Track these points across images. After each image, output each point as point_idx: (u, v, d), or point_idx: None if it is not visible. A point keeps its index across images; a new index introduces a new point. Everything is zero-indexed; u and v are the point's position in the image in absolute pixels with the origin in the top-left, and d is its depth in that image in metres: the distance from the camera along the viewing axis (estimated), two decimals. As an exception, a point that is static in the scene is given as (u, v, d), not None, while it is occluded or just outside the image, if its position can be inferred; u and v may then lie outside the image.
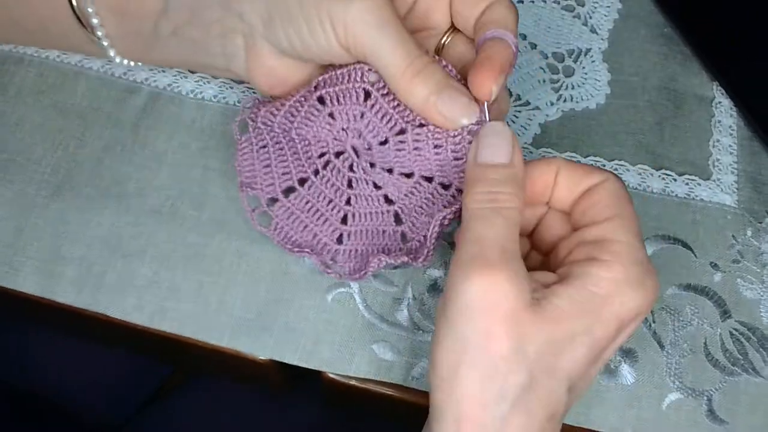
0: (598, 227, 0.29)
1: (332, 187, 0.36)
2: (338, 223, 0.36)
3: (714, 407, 0.36)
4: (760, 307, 0.38)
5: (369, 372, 0.36)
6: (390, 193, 0.35)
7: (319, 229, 0.36)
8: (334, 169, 0.36)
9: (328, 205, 0.36)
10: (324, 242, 0.36)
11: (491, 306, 0.26)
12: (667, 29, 0.46)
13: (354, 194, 0.35)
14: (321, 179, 0.36)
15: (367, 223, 0.35)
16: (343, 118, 0.35)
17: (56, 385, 0.55)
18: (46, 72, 0.42)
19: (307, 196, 0.36)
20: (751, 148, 0.42)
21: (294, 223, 0.36)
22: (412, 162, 0.34)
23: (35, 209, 0.39)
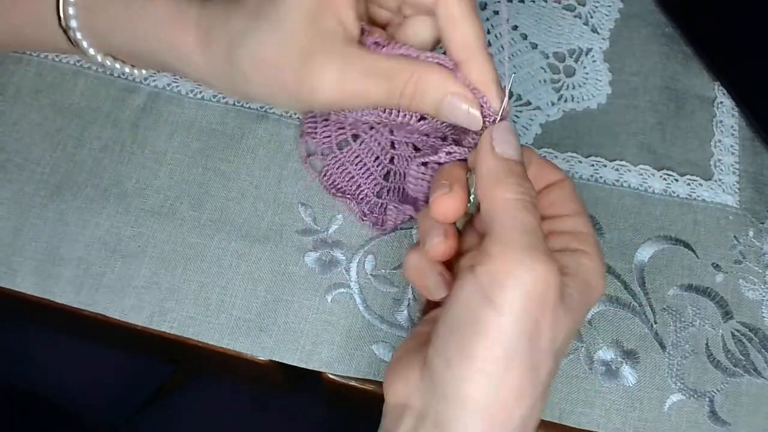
0: (571, 219, 0.31)
1: (379, 145, 0.39)
2: (381, 178, 0.39)
3: (716, 408, 0.36)
4: (762, 308, 0.38)
5: (369, 372, 0.36)
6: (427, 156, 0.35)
7: (364, 181, 0.39)
8: (378, 131, 0.39)
9: (375, 161, 0.39)
10: (366, 193, 0.39)
11: (545, 297, 0.26)
12: (668, 29, 0.46)
13: (397, 154, 0.39)
14: (371, 137, 0.39)
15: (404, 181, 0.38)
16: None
17: (56, 385, 0.55)
18: (45, 71, 0.42)
19: (358, 150, 0.39)
20: (752, 149, 0.42)
21: (342, 173, 0.40)
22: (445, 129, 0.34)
23: (34, 209, 0.39)
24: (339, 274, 0.38)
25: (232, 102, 0.42)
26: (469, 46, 0.31)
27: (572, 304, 0.28)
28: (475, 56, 0.31)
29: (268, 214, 0.39)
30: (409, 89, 0.31)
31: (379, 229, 0.38)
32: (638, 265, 0.39)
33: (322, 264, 0.38)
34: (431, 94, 0.31)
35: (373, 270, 0.38)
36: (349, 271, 0.38)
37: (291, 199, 0.39)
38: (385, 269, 0.38)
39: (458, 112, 0.31)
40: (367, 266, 0.38)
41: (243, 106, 0.42)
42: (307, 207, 0.39)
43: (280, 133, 0.41)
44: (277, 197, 0.40)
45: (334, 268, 0.38)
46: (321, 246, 0.38)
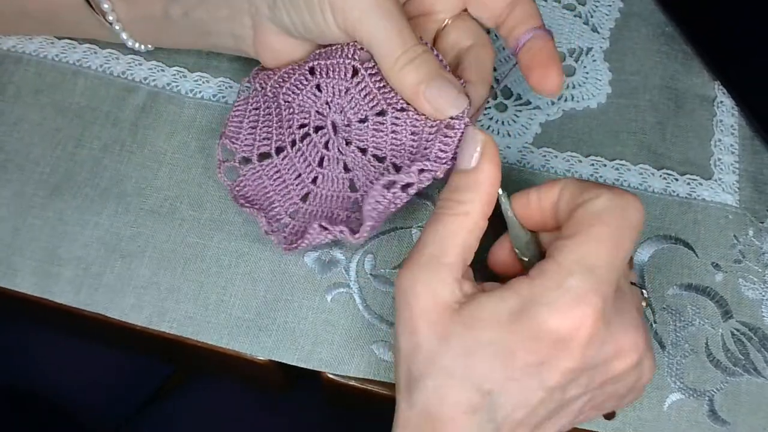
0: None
1: (304, 162, 0.36)
2: (298, 198, 0.37)
3: (715, 407, 0.36)
4: (761, 308, 0.38)
5: (368, 372, 0.36)
6: (356, 178, 0.35)
7: (278, 199, 0.37)
8: (310, 143, 0.36)
9: (295, 179, 0.37)
10: (278, 211, 0.37)
11: (408, 303, 0.29)
12: (668, 28, 0.46)
13: (322, 174, 0.36)
14: (296, 152, 0.36)
15: (324, 205, 0.36)
16: (328, 91, 0.35)
17: (56, 385, 0.55)
18: (45, 71, 0.42)
19: (279, 165, 0.37)
20: (752, 148, 0.42)
21: (257, 186, 0.37)
22: (387, 144, 0.34)
23: (33, 209, 0.39)
24: (338, 273, 0.38)
25: (232, 101, 0.42)
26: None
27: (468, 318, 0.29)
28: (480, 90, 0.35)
29: (268, 213, 0.39)
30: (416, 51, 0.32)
31: (287, 247, 0.35)
32: (638, 265, 0.39)
33: (321, 264, 0.38)
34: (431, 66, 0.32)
35: (372, 270, 0.38)
36: (349, 271, 0.38)
37: (290, 199, 0.39)
38: (385, 269, 0.38)
39: (443, 93, 0.32)
40: (367, 266, 0.38)
41: (242, 106, 0.42)
42: (307, 206, 0.39)
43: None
44: (277, 197, 0.39)
45: (333, 268, 0.38)
46: (320, 246, 0.38)
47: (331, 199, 0.36)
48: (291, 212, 0.36)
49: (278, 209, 0.37)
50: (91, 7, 0.37)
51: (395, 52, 0.32)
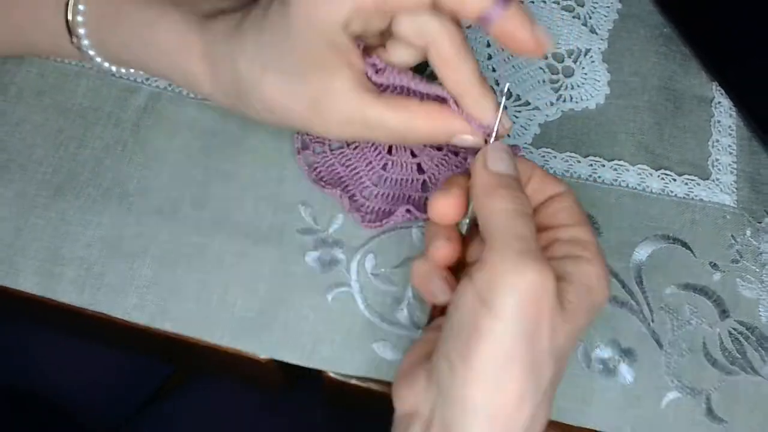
0: (573, 229, 0.31)
1: (375, 150, 0.39)
2: (370, 183, 0.39)
3: (713, 406, 0.36)
4: (758, 307, 0.38)
5: (369, 371, 0.36)
6: (423, 162, 0.39)
7: (352, 184, 0.39)
8: (397, 149, 0.39)
9: (367, 166, 0.39)
10: (352, 192, 0.39)
11: (541, 301, 0.27)
12: (666, 29, 0.46)
13: (392, 160, 0.39)
14: (366, 142, 0.39)
15: (396, 188, 0.39)
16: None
17: (56, 385, 0.55)
18: (47, 72, 0.42)
19: (350, 154, 0.40)
20: (750, 148, 0.43)
21: (331, 172, 0.39)
22: None
23: (36, 209, 0.39)
24: (339, 273, 0.38)
25: (233, 102, 0.42)
26: (465, 83, 0.32)
27: (572, 308, 0.29)
28: (473, 91, 0.32)
29: (269, 213, 0.39)
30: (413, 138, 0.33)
31: (369, 225, 0.38)
32: (636, 264, 0.39)
33: (322, 263, 0.38)
34: (436, 138, 0.34)
35: (373, 269, 0.38)
36: (350, 270, 0.38)
37: (292, 199, 0.40)
38: (386, 268, 0.38)
39: (464, 143, 0.34)
40: (368, 265, 0.38)
41: (244, 107, 0.42)
42: (308, 206, 0.40)
43: (281, 133, 0.41)
44: (278, 197, 0.40)
45: (334, 267, 0.38)
46: (321, 245, 0.39)
47: (401, 183, 0.39)
48: (365, 194, 0.39)
49: (353, 191, 0.39)
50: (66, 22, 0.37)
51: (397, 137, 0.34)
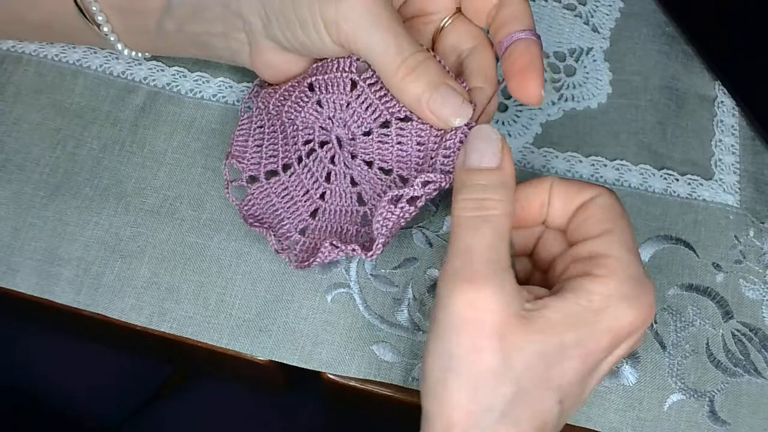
0: (592, 242, 0.29)
1: (311, 178, 0.36)
2: (307, 215, 0.36)
3: (716, 408, 0.36)
4: (762, 308, 0.38)
5: (369, 373, 0.36)
6: (364, 192, 0.35)
7: (288, 216, 0.36)
8: (316, 159, 0.36)
9: (303, 196, 0.36)
10: (287, 228, 0.36)
11: (477, 321, 0.27)
12: (668, 28, 0.46)
13: (330, 189, 0.36)
14: (302, 168, 0.36)
15: (334, 220, 0.36)
16: (329, 107, 0.35)
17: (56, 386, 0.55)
18: (45, 71, 0.42)
19: (287, 182, 0.37)
20: (753, 148, 0.42)
21: (266, 204, 0.37)
22: (393, 156, 0.34)
23: (33, 209, 0.39)
24: (339, 274, 0.38)
25: (232, 101, 0.42)
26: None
27: (543, 324, 0.27)
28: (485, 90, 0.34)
29: (268, 213, 0.39)
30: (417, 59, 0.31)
31: (298, 265, 0.35)
32: (638, 265, 0.39)
33: (321, 264, 0.38)
34: (433, 75, 0.31)
35: (372, 270, 0.38)
36: (349, 271, 0.38)
37: (291, 199, 0.39)
38: (385, 269, 0.38)
39: (447, 103, 0.31)
40: (367, 266, 0.38)
41: (243, 106, 0.42)
42: (307, 207, 0.39)
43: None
44: (277, 197, 0.39)
45: (333, 268, 0.38)
46: (321, 246, 0.38)
47: (340, 214, 0.36)
48: (300, 229, 0.36)
49: (288, 226, 0.36)
50: (86, 19, 0.37)
51: (394, 62, 0.31)
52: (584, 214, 0.30)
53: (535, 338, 0.27)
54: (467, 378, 0.27)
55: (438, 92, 0.31)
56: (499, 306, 0.26)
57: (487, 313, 0.26)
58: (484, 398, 0.27)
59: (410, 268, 0.38)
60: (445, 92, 0.31)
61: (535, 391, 0.27)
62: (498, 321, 0.26)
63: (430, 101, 0.31)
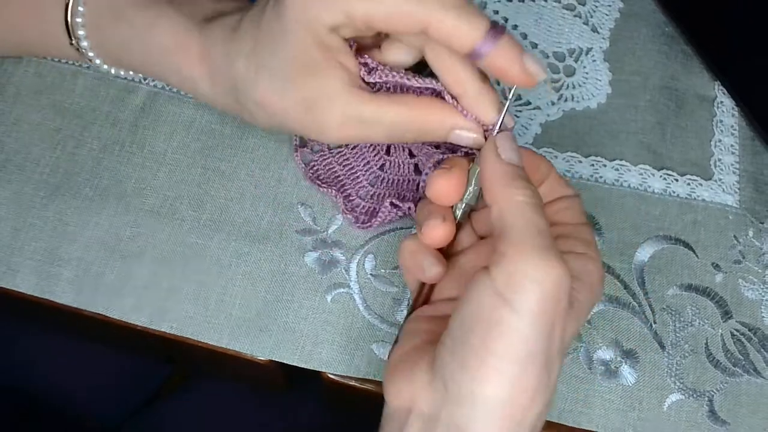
0: (575, 227, 0.32)
1: (373, 150, 0.39)
2: (367, 183, 0.39)
3: (715, 408, 0.36)
4: (761, 308, 0.38)
5: (369, 372, 0.36)
6: (420, 163, 0.38)
7: (349, 183, 0.39)
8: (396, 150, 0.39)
9: (364, 166, 0.39)
10: (349, 192, 0.39)
11: (559, 299, 0.26)
12: (668, 28, 0.46)
13: (390, 160, 0.39)
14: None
15: (392, 188, 0.39)
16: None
17: (56, 386, 0.55)
18: (45, 72, 0.42)
19: (348, 154, 0.39)
20: (753, 148, 0.42)
21: (329, 171, 0.39)
22: None
23: (33, 209, 0.39)
24: (339, 273, 0.38)
25: (232, 102, 0.42)
26: (465, 81, 0.32)
27: (579, 307, 0.29)
28: (473, 88, 0.32)
29: (268, 213, 0.39)
30: (412, 134, 0.32)
31: (361, 226, 0.38)
32: (638, 265, 0.39)
33: (321, 264, 0.38)
34: (435, 133, 0.32)
35: (372, 270, 0.38)
36: (349, 271, 0.38)
37: (291, 199, 0.39)
38: (385, 269, 0.38)
39: (464, 141, 0.32)
40: (367, 266, 0.38)
41: (242, 106, 0.42)
42: (307, 207, 0.39)
43: (279, 133, 0.41)
44: (277, 197, 0.40)
45: (333, 268, 0.38)
46: (321, 246, 0.38)
47: (398, 183, 0.39)
48: (361, 194, 0.39)
49: (350, 191, 0.39)
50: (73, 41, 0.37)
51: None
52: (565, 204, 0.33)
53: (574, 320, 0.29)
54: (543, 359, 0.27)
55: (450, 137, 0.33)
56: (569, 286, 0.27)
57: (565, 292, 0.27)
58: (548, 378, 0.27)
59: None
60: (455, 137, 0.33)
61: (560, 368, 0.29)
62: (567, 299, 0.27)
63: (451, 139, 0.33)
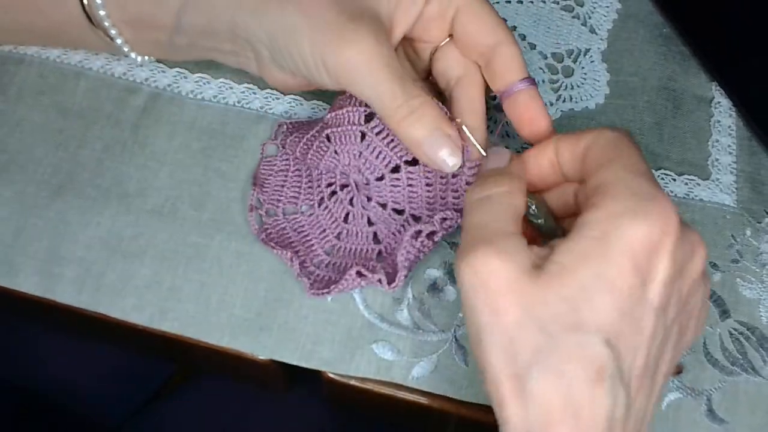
0: (594, 176, 0.29)
1: (330, 218, 0.38)
2: (322, 251, 0.38)
3: (713, 407, 0.36)
4: (759, 307, 0.38)
5: (369, 372, 0.36)
6: (379, 231, 0.37)
7: (303, 251, 0.38)
8: (337, 200, 0.38)
9: (320, 234, 0.38)
10: (303, 259, 0.37)
11: (486, 283, 0.27)
12: (666, 29, 0.46)
13: (347, 229, 0.38)
14: (322, 210, 0.38)
15: (349, 257, 0.37)
16: (344, 156, 0.37)
17: (57, 385, 0.56)
18: (47, 72, 0.42)
19: (304, 221, 0.38)
20: (750, 148, 0.43)
21: (282, 236, 0.38)
22: (405, 198, 0.37)
23: (35, 209, 0.39)
24: (339, 273, 0.38)
25: (233, 102, 0.42)
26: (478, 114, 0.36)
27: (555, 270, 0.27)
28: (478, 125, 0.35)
29: (269, 213, 0.39)
30: (412, 105, 0.32)
31: (315, 293, 0.36)
32: (636, 265, 0.39)
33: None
34: (427, 121, 0.33)
35: (372, 269, 0.38)
36: (349, 271, 0.38)
37: (291, 199, 0.40)
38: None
39: (439, 150, 0.33)
40: (367, 265, 0.38)
41: (243, 107, 0.42)
42: (307, 207, 0.39)
43: None
44: (278, 197, 0.40)
45: (334, 268, 0.38)
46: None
47: (355, 252, 0.38)
48: (315, 262, 0.38)
49: (303, 258, 0.37)
50: (99, 30, 0.37)
51: (391, 107, 0.32)
52: (587, 156, 0.30)
53: (552, 285, 0.26)
54: (498, 339, 0.26)
55: (432, 138, 0.33)
56: (505, 265, 0.27)
57: (491, 274, 0.27)
58: (516, 353, 0.26)
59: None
60: (438, 139, 0.33)
61: (571, 335, 0.26)
62: (507, 278, 0.26)
63: (425, 147, 0.33)
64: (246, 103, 0.42)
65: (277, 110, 0.42)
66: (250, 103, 0.42)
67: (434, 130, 0.33)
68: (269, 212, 0.39)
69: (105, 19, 0.37)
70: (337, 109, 0.37)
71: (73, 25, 0.38)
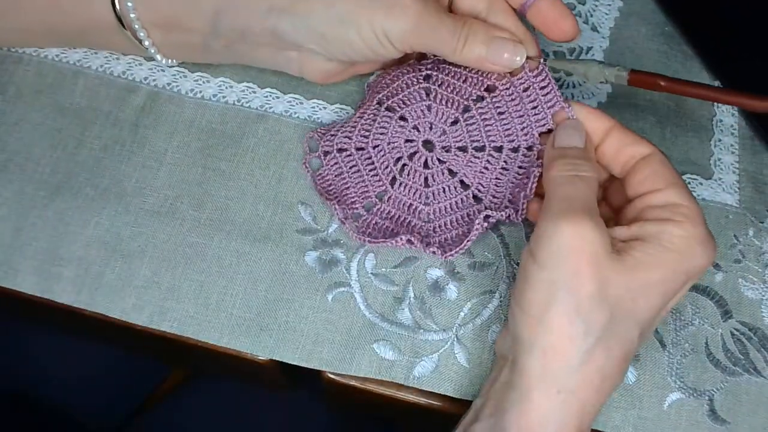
0: (665, 193, 0.32)
1: (410, 191, 0.38)
2: (421, 221, 0.38)
3: (715, 407, 0.36)
4: (761, 307, 0.38)
5: (369, 371, 0.36)
6: (465, 177, 0.38)
7: (407, 231, 0.38)
8: (410, 171, 0.39)
9: (409, 209, 0.38)
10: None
11: (579, 249, 0.30)
12: (668, 28, 0.46)
13: (432, 191, 0.38)
14: (399, 187, 0.39)
15: (449, 213, 0.38)
16: (413, 116, 0.39)
17: (56, 385, 0.56)
18: (45, 71, 0.42)
19: (388, 207, 0.39)
20: (752, 148, 0.42)
21: (382, 232, 0.38)
22: (484, 133, 0.38)
23: (34, 209, 0.39)
24: (339, 273, 0.38)
25: (232, 101, 0.42)
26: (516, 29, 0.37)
27: (632, 263, 0.30)
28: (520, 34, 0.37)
29: (268, 213, 0.39)
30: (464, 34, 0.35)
31: (360, 237, 0.37)
32: (638, 264, 0.39)
33: (322, 263, 0.38)
34: (479, 38, 0.35)
35: (373, 269, 0.38)
36: (350, 270, 0.38)
37: (291, 199, 0.40)
38: (386, 268, 0.38)
39: (501, 55, 0.35)
40: (368, 265, 0.38)
41: (243, 106, 0.42)
42: (307, 206, 0.39)
43: (280, 132, 0.41)
44: (277, 196, 0.40)
45: (334, 267, 0.38)
46: (321, 245, 0.38)
47: (451, 205, 0.38)
48: (423, 234, 0.38)
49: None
50: (127, 32, 0.38)
51: (450, 45, 0.35)
52: (649, 168, 0.33)
53: (625, 274, 0.30)
54: (568, 303, 0.30)
55: (492, 47, 0.35)
56: (598, 240, 0.30)
57: (588, 244, 0.30)
58: (583, 323, 0.30)
59: (411, 267, 0.38)
60: (495, 46, 0.35)
61: (623, 321, 0.30)
62: (596, 252, 0.30)
63: (488, 57, 0.35)
64: (246, 102, 0.42)
65: (277, 109, 0.42)
66: (249, 102, 0.42)
67: (488, 40, 0.35)
68: (355, 216, 0.38)
69: (135, 21, 0.37)
70: (375, 92, 0.39)
71: (98, 27, 0.38)
